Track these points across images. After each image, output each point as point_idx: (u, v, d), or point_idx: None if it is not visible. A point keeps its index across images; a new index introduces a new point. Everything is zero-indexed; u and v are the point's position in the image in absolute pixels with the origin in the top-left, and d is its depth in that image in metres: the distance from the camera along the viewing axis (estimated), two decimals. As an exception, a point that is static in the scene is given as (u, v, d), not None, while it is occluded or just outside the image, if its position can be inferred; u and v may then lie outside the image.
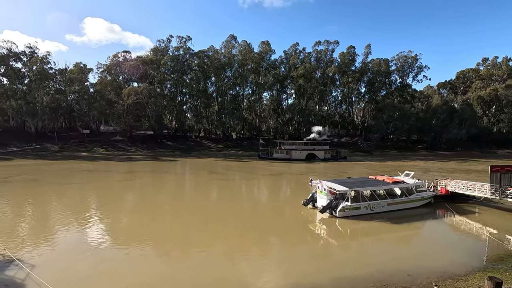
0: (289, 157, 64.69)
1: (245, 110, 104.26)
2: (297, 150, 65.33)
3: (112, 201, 26.58)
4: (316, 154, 65.62)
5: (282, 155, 65.05)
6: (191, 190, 34.12)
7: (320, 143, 69.27)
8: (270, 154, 66.94)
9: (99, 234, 17.61)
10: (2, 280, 11.64)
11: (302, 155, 64.83)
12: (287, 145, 67.66)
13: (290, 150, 65.29)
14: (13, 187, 31.87)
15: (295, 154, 64.69)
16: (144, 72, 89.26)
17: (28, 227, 18.52)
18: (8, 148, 70.47)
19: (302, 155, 64.79)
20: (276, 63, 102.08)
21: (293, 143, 68.72)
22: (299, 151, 65.30)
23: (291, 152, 65.14)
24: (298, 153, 64.86)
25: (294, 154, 64.78)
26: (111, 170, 46.36)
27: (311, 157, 65.20)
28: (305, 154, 65.10)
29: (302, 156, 64.64)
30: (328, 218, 20.62)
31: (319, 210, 21.17)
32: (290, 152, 65.25)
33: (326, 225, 19.57)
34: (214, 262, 13.86)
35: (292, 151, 65.10)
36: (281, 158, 64.38)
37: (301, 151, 65.44)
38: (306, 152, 65.43)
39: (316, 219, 20.67)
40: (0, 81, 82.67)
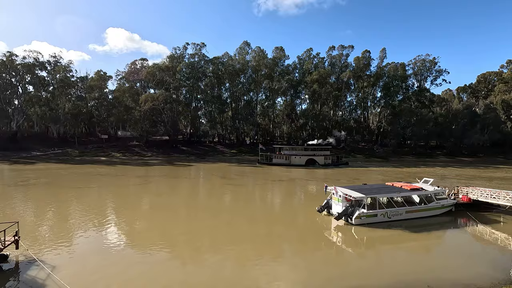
0: (288, 162, 63.82)
1: (259, 116, 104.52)
2: (297, 156, 64.47)
3: (128, 204, 27.15)
4: (316, 159, 64.58)
5: (281, 161, 64.11)
6: (205, 194, 34.37)
7: (321, 148, 68.26)
8: (269, 159, 66.08)
9: (115, 237, 18.00)
10: (25, 280, 12.08)
11: (302, 160, 63.91)
12: (286, 150, 66.80)
13: (290, 156, 64.52)
14: (35, 190, 33.17)
15: (295, 160, 63.79)
16: (160, 78, 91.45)
17: (48, 229, 19.19)
18: (32, 153, 73.64)
19: (301, 160, 63.88)
20: (289, 68, 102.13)
21: (293, 149, 67.79)
22: (298, 156, 64.42)
23: (290, 157, 64.30)
24: (298, 158, 64.02)
25: (293, 159, 63.86)
26: (128, 175, 47.45)
27: (311, 163, 64.13)
28: (304, 160, 64.14)
29: (302, 162, 63.70)
30: (343, 225, 20.20)
31: (334, 217, 20.79)
32: (289, 157, 64.39)
33: (342, 232, 19.17)
34: (227, 266, 13.84)
35: (292, 156, 64.26)
36: (280, 164, 63.37)
37: (301, 156, 64.54)
38: (306, 158, 64.49)
39: (331, 226, 20.30)
40: (26, 88, 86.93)
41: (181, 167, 59.42)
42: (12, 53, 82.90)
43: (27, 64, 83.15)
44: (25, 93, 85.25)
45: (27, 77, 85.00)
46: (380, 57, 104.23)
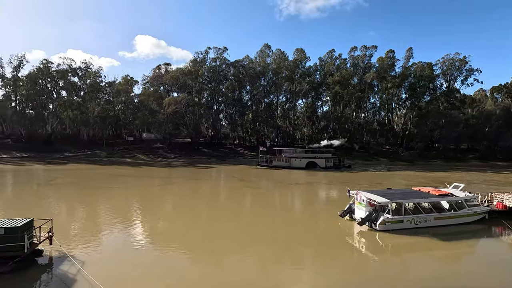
0: (288, 165, 62.84)
1: (279, 118, 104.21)
2: (297, 158, 63.44)
3: (152, 205, 28.01)
4: (317, 162, 63.43)
5: (281, 163, 63.39)
6: (225, 196, 34.72)
7: (322, 151, 67.18)
8: (269, 161, 65.40)
9: (139, 236, 18.64)
10: (57, 274, 12.80)
11: (302, 163, 62.87)
12: (287, 152, 65.80)
13: (290, 158, 63.56)
14: (67, 190, 35.10)
15: (295, 162, 62.78)
16: (183, 82, 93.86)
17: (78, 226, 20.21)
18: (65, 154, 78.09)
19: (302, 163, 62.82)
20: (310, 70, 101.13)
21: (294, 151, 66.87)
22: (299, 159, 63.37)
23: (290, 160, 63.35)
24: (298, 161, 62.94)
25: (294, 162, 62.90)
26: (152, 176, 48.98)
27: (312, 166, 62.89)
28: (305, 162, 63.02)
29: (302, 164, 62.61)
30: (367, 231, 19.60)
31: (357, 222, 20.22)
32: (289, 160, 63.45)
33: (365, 238, 18.61)
34: (247, 269, 13.87)
35: (292, 159, 63.26)
36: (280, 166, 62.67)
37: (301, 159, 63.49)
38: (306, 160, 63.39)
39: (354, 231, 19.77)
40: (60, 93, 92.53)
41: (202, 169, 60.47)
42: (48, 61, 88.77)
43: (61, 70, 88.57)
44: (59, 98, 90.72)
45: (61, 83, 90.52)
46: (406, 57, 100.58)
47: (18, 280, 12.03)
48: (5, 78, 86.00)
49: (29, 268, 13.10)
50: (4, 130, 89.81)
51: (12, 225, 12.81)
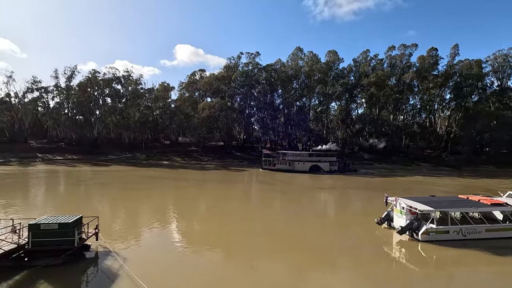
0: (292, 168, 61.76)
1: (312, 121, 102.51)
2: (300, 162, 62.35)
3: (187, 206, 28.99)
4: (321, 166, 61.86)
5: (285, 167, 62.22)
6: (256, 199, 34.83)
7: (326, 154, 65.59)
8: (273, 165, 64.02)
9: (176, 236, 19.39)
10: (102, 268, 13.73)
11: (306, 166, 61.61)
12: (290, 156, 64.67)
13: (293, 161, 62.54)
14: (110, 190, 37.67)
15: (298, 166, 61.70)
16: (216, 87, 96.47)
17: (121, 224, 21.54)
18: (108, 156, 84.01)
19: (305, 166, 61.59)
20: (344, 71, 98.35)
21: (297, 154, 65.90)
22: (302, 162, 62.28)
23: (293, 163, 62.29)
24: (301, 164, 61.87)
25: (297, 165, 61.85)
26: (187, 178, 50.79)
27: (315, 169, 61.42)
28: (308, 166, 61.68)
29: (306, 168, 61.41)
30: (407, 240, 18.40)
31: (396, 231, 19.07)
32: (293, 163, 62.38)
33: (406, 248, 17.46)
34: (279, 273, 13.72)
35: (295, 162, 62.23)
36: (283, 170, 61.62)
37: (305, 162, 62.29)
38: (310, 164, 62.02)
39: (392, 241, 18.68)
40: (105, 100, 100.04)
41: (234, 172, 61.35)
42: (96, 71, 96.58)
43: (107, 79, 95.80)
44: (104, 105, 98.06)
45: (106, 91, 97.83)
46: (450, 55, 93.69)
47: (69, 272, 13.10)
48: (60, 87, 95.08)
49: (79, 261, 14.21)
50: (58, 134, 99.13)
51: (65, 221, 14.02)
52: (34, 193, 35.22)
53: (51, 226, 13.65)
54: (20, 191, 35.39)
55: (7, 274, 12.30)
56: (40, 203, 29.15)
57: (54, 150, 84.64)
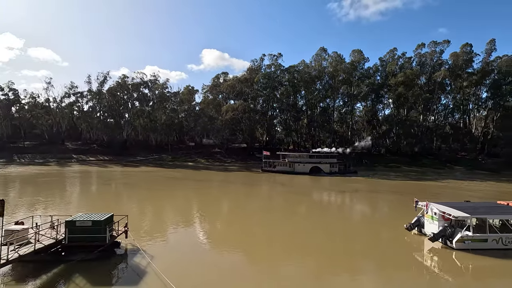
0: (292, 170, 61.37)
1: (336, 123, 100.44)
2: (301, 163, 61.86)
3: (210, 207, 29.47)
4: (321, 167, 61.40)
5: (285, 168, 61.83)
6: (279, 201, 34.62)
7: (327, 156, 64.96)
8: (273, 166, 63.01)
9: (200, 236, 19.77)
10: (131, 265, 14.28)
11: (306, 168, 61.11)
12: (291, 157, 63.73)
13: (293, 163, 61.90)
14: (139, 190, 39.19)
15: (299, 167, 61.24)
16: (239, 90, 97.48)
17: (148, 223, 22.32)
18: (137, 157, 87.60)
19: (306, 168, 61.11)
20: (370, 71, 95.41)
21: (297, 156, 65.11)
22: (302, 164, 61.79)
23: (294, 165, 61.69)
24: (302, 166, 61.38)
25: (297, 167, 61.38)
26: (210, 179, 51.69)
27: (316, 171, 60.92)
28: (309, 167, 61.18)
29: (306, 170, 60.87)
30: (440, 248, 17.38)
31: (428, 238, 18.09)
32: (293, 165, 61.79)
33: (438, 256, 16.51)
34: (301, 277, 13.49)
35: (295, 163, 61.65)
36: (284, 171, 61.10)
37: (305, 164, 61.78)
38: (310, 165, 61.52)
39: (423, 248, 17.75)
40: (134, 104, 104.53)
41: (257, 174, 61.46)
42: (125, 76, 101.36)
43: (135, 83, 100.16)
44: (133, 108, 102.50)
45: (134, 94, 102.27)
46: (486, 51, 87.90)
47: (101, 267, 13.78)
48: (92, 92, 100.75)
49: (110, 257, 14.90)
50: (91, 136, 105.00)
51: (97, 219, 14.77)
52: (69, 191, 37.51)
53: (85, 223, 14.44)
54: (58, 189, 37.83)
55: (47, 267, 13.16)
56: (75, 201, 30.98)
57: (87, 151, 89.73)
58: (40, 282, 12.13)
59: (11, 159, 76.28)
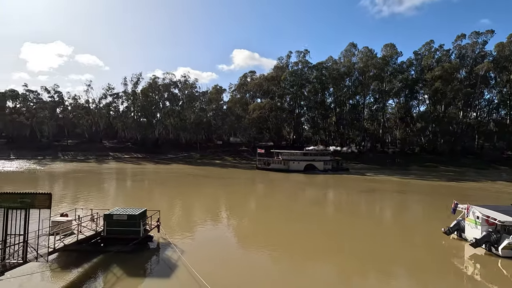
0: (287, 168, 61.05)
1: (366, 120, 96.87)
2: (295, 161, 61.98)
3: (238, 204, 29.86)
4: (315, 165, 61.66)
5: (280, 166, 61.41)
6: (307, 199, 34.14)
7: (321, 154, 65.73)
8: (267, 164, 62.38)
9: (227, 232, 20.17)
10: (163, 258, 14.90)
11: (301, 166, 61.28)
12: (285, 155, 63.18)
13: (288, 161, 61.76)
14: (170, 186, 40.71)
15: (293, 165, 61.27)
16: (266, 88, 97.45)
17: (178, 218, 23.12)
18: (168, 155, 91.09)
19: (300, 166, 61.24)
20: (403, 66, 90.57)
21: (292, 154, 64.72)
22: (297, 161, 62.00)
23: (289, 162, 61.51)
24: (296, 163, 61.57)
25: (292, 165, 61.40)
26: (238, 177, 52.32)
27: (310, 168, 61.08)
28: (303, 165, 61.42)
29: (301, 167, 60.96)
30: (483, 255, 16.09)
31: (469, 243, 16.84)
32: (288, 162, 61.58)
33: (482, 264, 15.30)
34: (328, 277, 13.25)
35: (290, 161, 61.65)
36: (279, 169, 60.62)
37: (300, 161, 62.08)
38: (304, 163, 61.87)
39: (464, 254, 16.56)
40: (165, 104, 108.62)
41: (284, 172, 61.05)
42: (156, 77, 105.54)
43: (166, 84, 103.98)
44: (164, 108, 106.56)
45: (165, 95, 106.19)
46: (538, 40, 79.60)
47: (136, 259, 14.50)
48: (127, 93, 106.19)
49: (143, 250, 15.65)
50: (126, 135, 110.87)
51: (132, 213, 15.57)
52: (107, 187, 39.95)
53: (121, 217, 15.29)
54: (96, 185, 40.47)
55: (88, 257, 14.13)
56: (111, 195, 32.94)
57: (122, 149, 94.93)
58: (82, 270, 13.05)
59: (56, 156, 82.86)
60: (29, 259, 10.97)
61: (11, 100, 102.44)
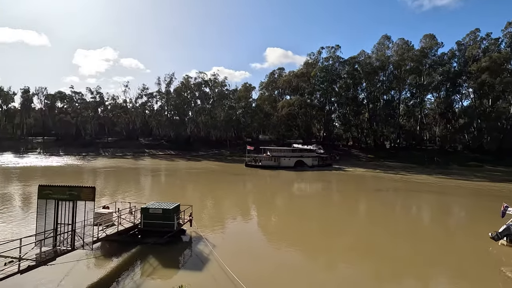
0: (277, 164, 60.52)
1: (402, 117, 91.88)
2: (286, 157, 61.96)
3: (266, 201, 29.98)
4: (304, 161, 62.47)
5: (270, 163, 60.65)
6: (337, 198, 33.33)
7: (307, 150, 66.89)
8: (258, 161, 61.16)
9: (257, 228, 20.43)
10: (195, 251, 15.44)
11: (291, 162, 61.44)
12: (275, 152, 63.11)
13: (279, 157, 61.45)
14: (201, 183, 41.92)
15: (284, 162, 61.11)
16: (295, 85, 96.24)
17: (208, 214, 23.75)
18: (199, 152, 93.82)
19: (291, 162, 61.40)
20: (444, 58, 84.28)
21: (280, 150, 64.50)
22: (288, 158, 62.01)
23: (279, 159, 61.16)
24: (287, 160, 61.53)
25: (283, 161, 61.25)
26: (266, 175, 52.45)
27: (299, 164, 61.62)
28: (294, 161, 61.74)
29: (291, 164, 61.20)
30: (537, 263, 14.63)
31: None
32: (279, 159, 61.13)
33: (535, 273, 13.90)
34: (360, 280, 12.79)
35: (281, 158, 61.51)
36: (270, 166, 59.68)
37: (290, 158, 62.16)
38: (295, 159, 62.17)
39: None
40: (196, 102, 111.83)
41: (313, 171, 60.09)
42: (188, 76, 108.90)
43: (197, 83, 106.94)
44: (195, 106, 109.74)
45: (196, 93, 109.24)
46: None
47: (170, 252, 15.19)
48: (161, 92, 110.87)
49: (177, 243, 16.35)
50: (160, 133, 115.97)
51: (167, 207, 16.32)
52: (143, 182, 42.19)
53: (157, 210, 16.10)
54: (133, 180, 42.90)
55: (126, 247, 15.08)
56: (147, 190, 34.73)
57: (157, 146, 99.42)
58: (122, 259, 13.96)
59: (98, 152, 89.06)
60: (77, 247, 11.97)
61: (60, 101, 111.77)
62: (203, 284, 11.23)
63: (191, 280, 11.49)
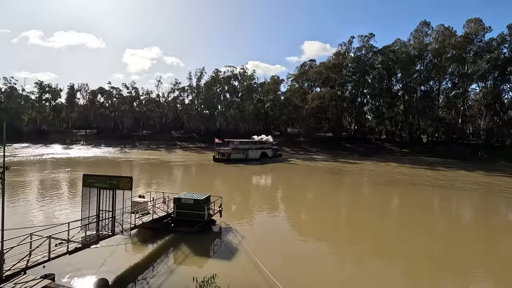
0: (245, 157, 61.29)
1: (441, 109, 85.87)
2: (253, 150, 63.99)
3: (294, 196, 29.84)
4: (266, 152, 66.12)
5: (239, 156, 60.75)
6: (367, 194, 32.22)
7: (264, 142, 70.32)
8: (228, 155, 59.02)
9: (284, 222, 20.46)
10: (225, 241, 15.88)
11: (257, 154, 64.10)
12: (242, 144, 64.02)
13: (247, 150, 62.65)
14: (230, 175, 42.70)
15: (251, 154, 62.97)
16: (326, 76, 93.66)
17: (237, 206, 24.24)
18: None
19: (257, 154, 64.03)
20: (493, 44, 76.74)
21: (246, 142, 65.69)
22: (254, 150, 64.15)
23: (247, 152, 62.46)
24: (254, 152, 63.80)
25: (250, 154, 62.93)
26: (294, 169, 52.18)
27: (264, 156, 64.87)
28: (259, 153, 64.45)
29: (257, 155, 63.77)
30: None
31: None
32: (246, 152, 62.18)
33: None
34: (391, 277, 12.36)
35: (249, 151, 63.03)
36: (239, 159, 59.31)
37: (256, 150, 64.64)
38: (260, 151, 65.07)
39: None
40: (225, 96, 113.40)
41: (344, 164, 58.53)
42: (218, 70, 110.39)
43: (226, 77, 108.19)
44: (225, 100, 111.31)
45: (226, 87, 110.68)
46: None
47: (201, 241, 15.79)
48: (192, 87, 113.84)
49: (208, 232, 16.94)
50: (190, 126, 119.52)
51: (198, 198, 16.91)
52: (175, 173, 43.99)
53: (188, 201, 16.75)
54: (166, 171, 44.90)
55: (160, 234, 15.93)
56: (179, 181, 36.21)
57: (188, 139, 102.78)
58: (156, 246, 14.79)
59: (134, 145, 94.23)
60: (116, 232, 12.87)
61: (100, 96, 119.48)
62: (233, 274, 11.54)
63: (221, 269, 11.84)
